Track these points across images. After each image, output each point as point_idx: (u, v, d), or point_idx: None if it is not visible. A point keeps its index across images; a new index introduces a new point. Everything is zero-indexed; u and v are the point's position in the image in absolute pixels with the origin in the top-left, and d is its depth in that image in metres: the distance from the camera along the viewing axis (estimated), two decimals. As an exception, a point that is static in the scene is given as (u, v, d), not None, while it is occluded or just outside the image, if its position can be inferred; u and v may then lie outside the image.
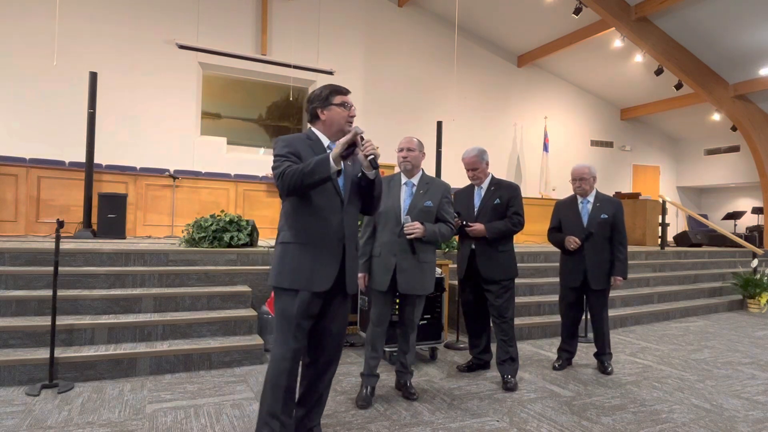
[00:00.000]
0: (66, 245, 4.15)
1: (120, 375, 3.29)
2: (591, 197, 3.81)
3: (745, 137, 11.92)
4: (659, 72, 10.84)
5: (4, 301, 3.50)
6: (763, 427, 2.84)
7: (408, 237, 2.95)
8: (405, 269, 2.98)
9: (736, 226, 12.71)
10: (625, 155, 14.46)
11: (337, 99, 2.22)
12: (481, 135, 11.91)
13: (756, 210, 12.61)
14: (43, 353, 3.13)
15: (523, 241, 8.49)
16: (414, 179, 3.14)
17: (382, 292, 3.03)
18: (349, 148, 2.08)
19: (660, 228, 8.74)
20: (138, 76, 9.09)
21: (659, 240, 8.76)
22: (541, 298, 5.42)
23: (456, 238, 4.18)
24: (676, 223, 13.61)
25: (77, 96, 7.91)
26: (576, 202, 3.85)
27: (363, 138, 2.12)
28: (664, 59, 10.40)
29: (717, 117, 12.11)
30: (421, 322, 3.83)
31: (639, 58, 10.66)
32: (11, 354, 3.14)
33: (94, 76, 5.85)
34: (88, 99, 5.79)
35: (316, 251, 2.14)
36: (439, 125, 7.67)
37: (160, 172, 7.44)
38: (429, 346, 3.99)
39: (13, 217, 5.99)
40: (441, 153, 7.62)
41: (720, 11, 9.10)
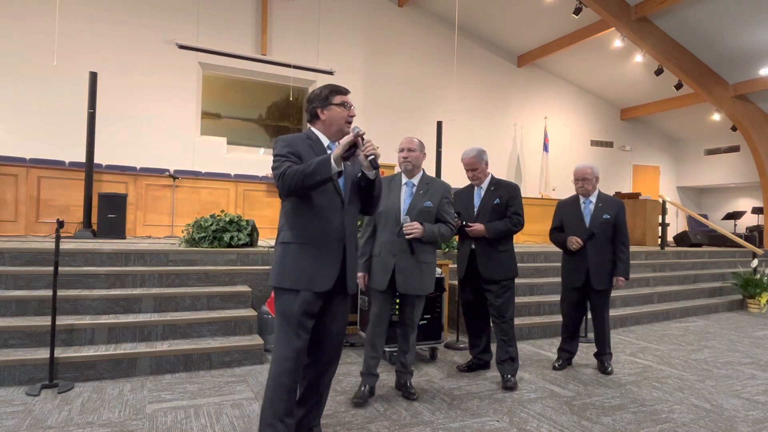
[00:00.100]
0: (66, 245, 4.15)
1: (120, 375, 3.29)
2: (593, 197, 3.81)
3: (745, 137, 11.92)
4: (659, 72, 10.84)
5: (4, 301, 3.50)
6: (763, 427, 2.84)
7: (407, 237, 2.95)
8: (404, 269, 2.98)
9: (736, 226, 12.71)
10: (625, 155, 14.46)
11: (337, 99, 2.22)
12: (481, 135, 11.91)
13: (756, 210, 12.60)
14: (43, 353, 3.13)
15: (523, 241, 8.49)
16: (414, 179, 3.14)
17: (381, 291, 3.04)
18: (351, 149, 2.08)
19: (660, 228, 8.74)
20: (138, 76, 9.10)
21: (659, 240, 8.76)
22: (541, 298, 5.42)
23: (456, 238, 4.18)
24: (676, 223, 13.62)
25: (77, 96, 7.91)
26: (578, 202, 3.84)
27: (363, 138, 2.12)
28: (664, 59, 10.40)
29: (717, 117, 12.11)
30: (421, 322, 3.83)
31: (639, 58, 10.66)
32: (11, 354, 3.14)
33: (94, 76, 5.85)
34: (88, 99, 5.79)
35: (316, 251, 2.14)
36: (439, 125, 7.67)
37: (160, 172, 7.44)
38: (429, 346, 3.99)
39: (13, 217, 6.00)
40: (441, 153, 7.62)
41: (720, 11, 9.10)
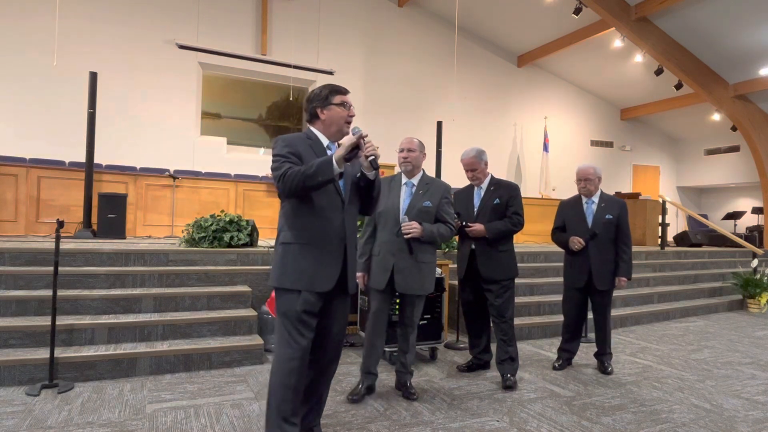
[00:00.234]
0: (66, 245, 4.15)
1: (120, 375, 3.29)
2: (596, 197, 3.81)
3: (745, 137, 11.92)
4: (659, 72, 10.84)
5: (4, 301, 3.50)
6: (763, 427, 2.84)
7: (405, 236, 2.96)
8: (403, 269, 2.99)
9: (736, 226, 12.71)
10: (625, 155, 14.46)
11: (337, 99, 2.22)
12: (481, 135, 11.90)
13: (756, 210, 12.60)
14: (43, 353, 3.13)
15: (523, 241, 8.49)
16: (414, 179, 3.15)
17: (380, 291, 3.05)
18: (353, 150, 2.08)
19: (660, 228, 8.74)
20: (138, 76, 9.10)
21: (659, 240, 8.76)
22: (541, 298, 5.42)
23: (456, 238, 4.18)
24: (676, 223, 13.61)
25: (77, 96, 7.91)
26: (580, 202, 3.84)
27: (363, 139, 2.12)
28: (664, 59, 10.40)
29: (717, 117, 12.10)
30: (421, 322, 3.83)
31: (639, 58, 10.65)
32: (11, 354, 3.14)
33: (94, 76, 5.85)
34: (88, 99, 5.79)
35: (317, 252, 2.14)
36: (439, 125, 7.68)
37: (160, 172, 7.44)
38: (429, 346, 3.99)
39: (13, 217, 6.00)
40: (441, 153, 7.62)
41: (720, 11, 9.09)
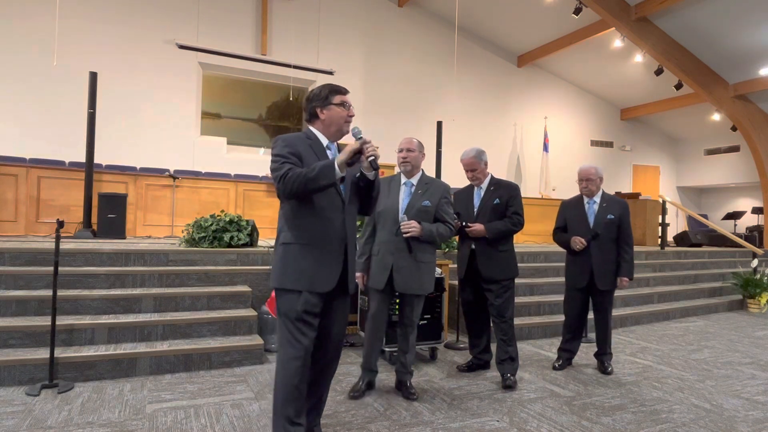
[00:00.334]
0: (66, 245, 4.15)
1: (120, 375, 3.29)
2: (597, 198, 3.81)
3: (745, 137, 11.92)
4: (659, 72, 10.83)
5: (4, 301, 3.50)
6: (763, 427, 2.84)
7: (404, 235, 2.96)
8: (402, 268, 2.99)
9: (736, 226, 12.71)
10: (625, 155, 14.46)
11: (337, 98, 2.21)
12: (481, 135, 11.90)
13: (756, 210, 12.60)
14: (43, 353, 3.13)
15: (523, 241, 8.49)
16: (413, 179, 3.16)
17: (379, 291, 3.06)
18: (355, 155, 2.08)
19: (660, 228, 8.74)
20: (138, 76, 9.10)
21: (659, 240, 8.76)
22: (541, 298, 5.42)
23: (456, 238, 4.18)
24: (676, 223, 13.61)
25: (77, 96, 7.91)
26: (582, 202, 3.85)
27: (363, 139, 2.12)
28: (664, 59, 10.40)
29: (717, 117, 12.10)
30: (421, 322, 3.83)
31: (639, 58, 10.65)
32: (11, 354, 3.14)
33: (94, 76, 5.85)
34: (88, 99, 5.79)
35: (318, 252, 2.13)
36: (439, 125, 7.67)
37: (160, 172, 7.44)
38: (429, 346, 3.99)
39: (13, 217, 5.99)
40: (441, 153, 7.62)
41: (720, 11, 9.09)
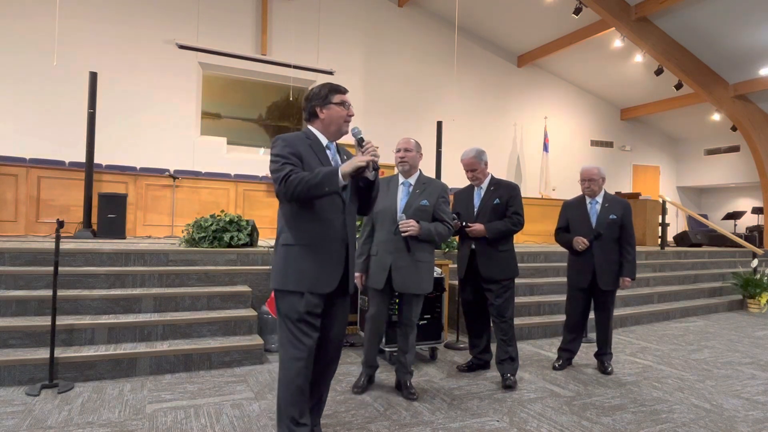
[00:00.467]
0: (66, 245, 4.15)
1: (120, 375, 3.29)
2: (599, 198, 3.82)
3: (745, 137, 11.92)
4: (659, 72, 10.83)
5: (4, 301, 3.50)
6: (763, 427, 2.84)
7: (403, 234, 2.97)
8: (400, 267, 3.00)
9: (736, 226, 12.71)
10: (625, 155, 14.46)
11: (336, 98, 2.20)
12: (481, 135, 11.91)
13: (756, 210, 12.60)
14: (43, 353, 3.13)
15: (523, 241, 8.49)
16: (411, 179, 3.18)
17: (378, 290, 3.07)
18: (360, 170, 2.06)
19: (660, 228, 8.74)
20: (138, 76, 9.09)
21: (659, 240, 8.76)
22: (541, 298, 5.42)
23: (456, 238, 4.19)
24: (676, 223, 13.61)
25: (77, 96, 7.92)
26: (584, 202, 3.85)
27: (363, 139, 2.11)
28: (664, 59, 10.40)
29: (717, 117, 12.10)
30: (421, 322, 3.83)
31: (639, 58, 10.65)
32: (11, 354, 3.14)
33: (94, 76, 5.85)
34: (88, 99, 5.79)
35: (320, 253, 2.13)
36: (439, 125, 7.67)
37: (160, 172, 7.44)
38: (429, 346, 3.99)
39: (13, 217, 5.99)
40: (441, 153, 7.61)
41: (720, 11, 9.09)
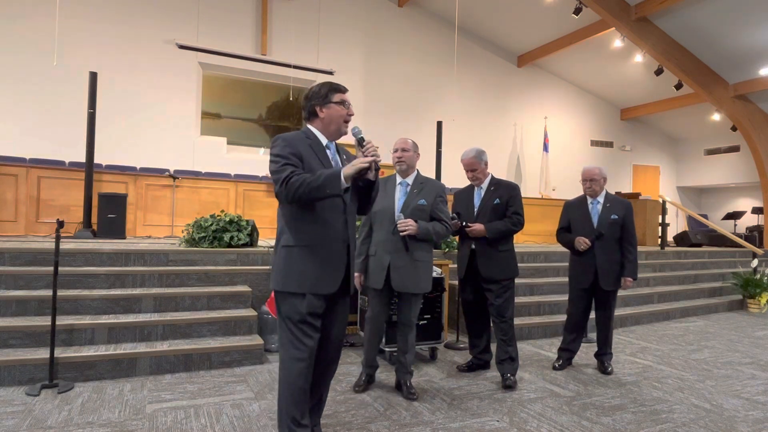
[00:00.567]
0: (66, 245, 4.15)
1: (120, 375, 3.29)
2: (601, 198, 3.81)
3: (745, 137, 11.92)
4: (659, 72, 10.83)
5: (4, 301, 3.50)
6: (763, 427, 2.84)
7: (401, 234, 2.97)
8: (399, 267, 3.01)
9: (736, 226, 12.71)
10: (625, 155, 14.45)
11: (336, 97, 2.19)
12: (481, 135, 11.90)
13: (756, 210, 12.60)
14: (43, 353, 3.13)
15: (523, 241, 8.49)
16: (409, 179, 3.19)
17: (378, 290, 3.08)
18: (363, 173, 2.05)
19: (660, 228, 8.74)
20: (138, 76, 9.09)
21: (659, 240, 8.76)
22: (541, 298, 5.42)
23: (456, 238, 4.19)
24: (676, 223, 13.61)
25: (77, 96, 7.91)
26: (586, 202, 3.85)
27: (364, 139, 2.11)
28: (664, 59, 10.40)
29: (717, 117, 12.10)
30: (421, 322, 3.83)
31: (639, 58, 10.65)
32: (11, 354, 3.14)
33: (94, 76, 5.85)
34: (88, 99, 5.79)
35: (321, 254, 2.12)
36: (439, 125, 7.67)
37: (160, 172, 7.44)
38: (429, 346, 3.99)
39: (13, 217, 5.99)
40: (441, 153, 7.61)
41: (720, 11, 9.09)
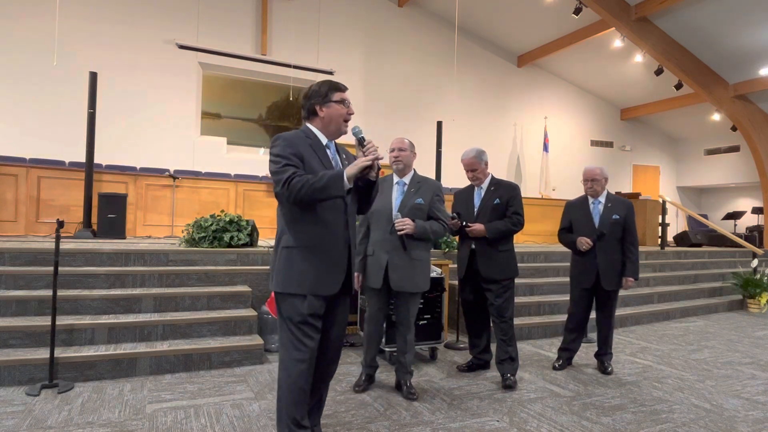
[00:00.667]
0: (66, 245, 4.15)
1: (120, 375, 3.29)
2: (602, 198, 3.81)
3: (745, 137, 11.92)
4: (659, 72, 10.83)
5: (4, 301, 3.50)
6: (763, 427, 2.84)
7: (398, 233, 2.98)
8: (396, 266, 3.01)
9: (736, 226, 12.71)
10: (625, 155, 14.45)
11: (336, 96, 2.18)
12: (481, 135, 11.90)
13: (756, 210, 12.61)
14: (43, 353, 3.13)
15: (523, 241, 8.49)
16: (406, 178, 3.19)
17: (376, 290, 3.08)
18: (365, 171, 2.05)
19: (660, 228, 8.74)
20: (138, 76, 9.09)
21: (659, 240, 8.76)
22: (541, 298, 5.42)
23: (456, 238, 4.19)
24: (676, 223, 13.61)
25: (77, 96, 7.92)
26: (587, 202, 3.84)
27: (364, 138, 2.10)
28: (664, 59, 10.40)
29: (717, 117, 12.10)
30: (421, 322, 3.84)
31: (639, 58, 10.65)
32: (11, 354, 3.14)
33: (94, 76, 5.85)
34: (88, 99, 5.79)
35: (322, 255, 2.11)
36: (439, 125, 7.67)
37: (160, 172, 7.44)
38: (429, 346, 3.99)
39: (13, 217, 5.99)
40: (441, 153, 7.61)
41: (720, 11, 9.09)
